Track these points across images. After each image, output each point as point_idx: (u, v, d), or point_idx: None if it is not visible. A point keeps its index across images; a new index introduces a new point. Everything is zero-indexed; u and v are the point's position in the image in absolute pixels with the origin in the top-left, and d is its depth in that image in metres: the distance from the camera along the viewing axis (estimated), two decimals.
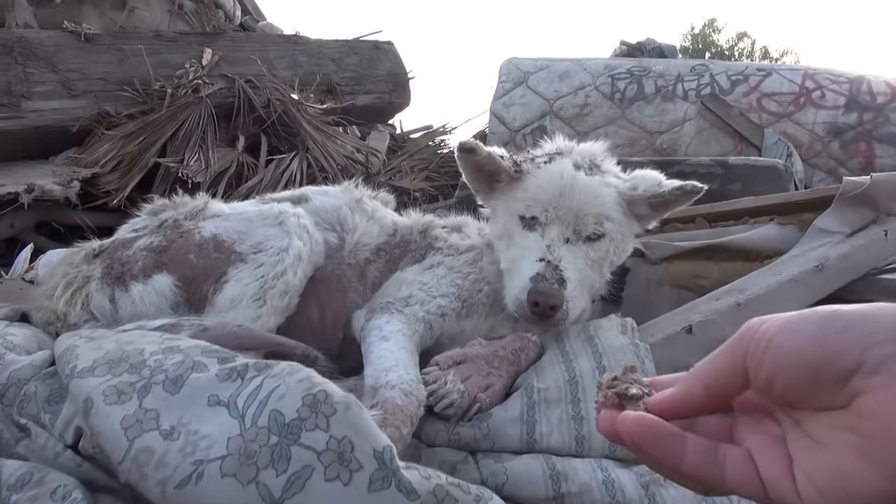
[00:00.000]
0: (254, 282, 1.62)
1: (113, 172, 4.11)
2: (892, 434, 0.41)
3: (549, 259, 1.60)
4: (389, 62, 6.54)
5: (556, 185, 1.68)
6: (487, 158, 1.74)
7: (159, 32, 5.39)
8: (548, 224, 1.66)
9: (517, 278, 1.63)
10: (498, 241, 1.77)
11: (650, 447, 0.52)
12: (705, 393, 0.53)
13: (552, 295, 1.54)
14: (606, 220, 1.68)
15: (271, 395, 0.97)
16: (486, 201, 1.87)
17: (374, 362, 1.46)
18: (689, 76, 6.46)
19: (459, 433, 1.40)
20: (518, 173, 1.75)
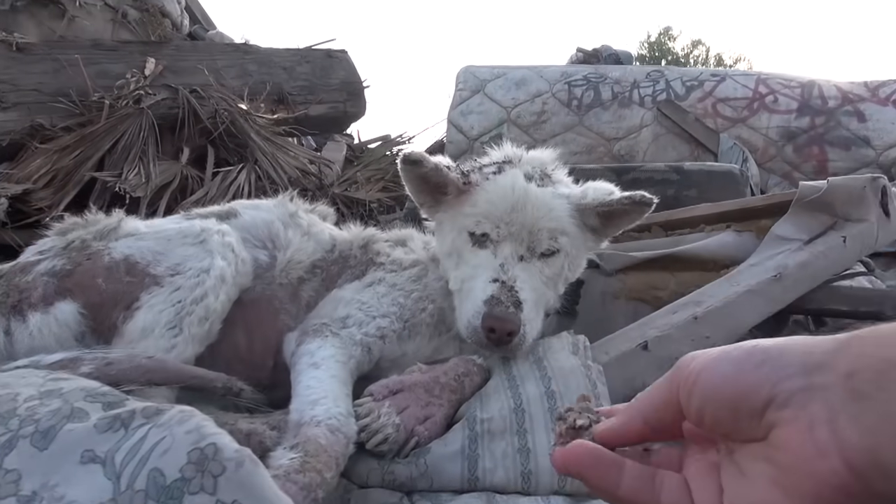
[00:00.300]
0: (169, 307, 1.46)
1: (46, 188, 3.86)
2: (800, 465, 0.43)
3: (504, 279, 1.49)
4: (343, 71, 6.37)
5: (507, 199, 1.57)
6: (434, 170, 1.62)
7: (98, 41, 5.14)
8: (500, 241, 1.55)
9: (469, 301, 1.51)
10: (446, 259, 1.65)
11: (589, 474, 0.54)
12: (644, 424, 0.55)
13: (509, 320, 1.43)
14: (561, 235, 1.59)
15: (154, 449, 0.83)
16: (432, 215, 1.74)
17: (300, 394, 1.32)
18: (645, 82, 6.47)
19: (394, 472, 1.27)
20: (466, 185, 1.63)
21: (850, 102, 5.86)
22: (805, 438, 0.43)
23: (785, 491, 0.44)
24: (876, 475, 0.40)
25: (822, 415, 0.43)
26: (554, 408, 1.37)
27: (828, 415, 0.42)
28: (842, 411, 0.42)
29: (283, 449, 1.16)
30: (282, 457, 1.12)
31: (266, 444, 1.24)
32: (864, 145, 5.64)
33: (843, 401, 0.42)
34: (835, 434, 0.42)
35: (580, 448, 0.55)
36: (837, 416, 0.42)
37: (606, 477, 0.53)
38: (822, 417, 0.42)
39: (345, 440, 1.21)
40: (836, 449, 0.41)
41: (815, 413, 0.43)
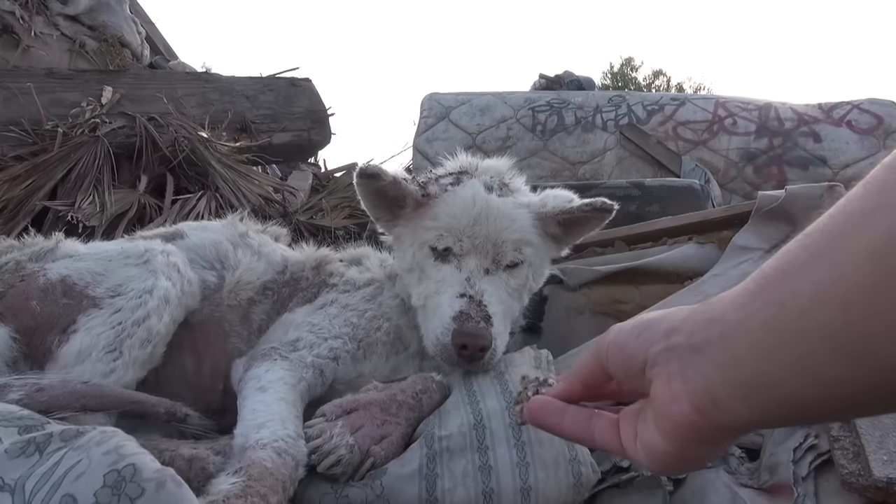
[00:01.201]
0: (108, 330, 1.38)
1: None
2: (664, 409, 0.54)
3: (471, 294, 1.45)
4: (307, 99, 6.33)
5: (468, 212, 1.53)
6: (392, 184, 1.57)
7: (53, 70, 5.03)
8: (463, 255, 1.51)
9: (436, 318, 1.46)
10: (407, 274, 1.60)
11: (540, 418, 0.69)
12: (583, 385, 0.68)
13: (481, 335, 1.39)
14: (525, 246, 1.55)
15: (68, 474, 0.75)
16: (389, 229, 1.69)
17: (245, 417, 1.24)
18: (607, 107, 6.57)
19: (349, 495, 1.20)
20: (425, 198, 1.58)
21: (805, 124, 6.01)
22: (665, 389, 0.54)
23: (659, 431, 0.55)
24: (713, 411, 0.50)
25: (675, 369, 0.53)
26: (515, 423, 1.31)
27: (679, 368, 0.53)
28: (688, 365, 0.52)
29: (226, 474, 1.08)
30: (223, 482, 1.05)
31: (209, 470, 1.17)
32: (821, 165, 5.77)
33: (687, 356, 0.53)
34: (684, 383, 0.52)
35: (535, 401, 0.71)
36: (685, 369, 0.52)
37: (552, 419, 0.68)
38: (676, 371, 0.53)
39: (293, 463, 1.14)
40: (684, 394, 0.52)
41: (672, 368, 0.53)
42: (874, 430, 1.32)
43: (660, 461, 0.58)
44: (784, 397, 0.47)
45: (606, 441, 0.64)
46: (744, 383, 0.48)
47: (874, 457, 1.25)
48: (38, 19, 5.87)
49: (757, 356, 0.47)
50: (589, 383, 0.67)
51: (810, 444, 1.43)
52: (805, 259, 0.45)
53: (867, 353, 0.41)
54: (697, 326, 0.53)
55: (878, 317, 0.39)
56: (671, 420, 0.53)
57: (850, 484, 1.26)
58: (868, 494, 1.24)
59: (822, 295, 0.43)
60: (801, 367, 0.45)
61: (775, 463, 1.45)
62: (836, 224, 0.44)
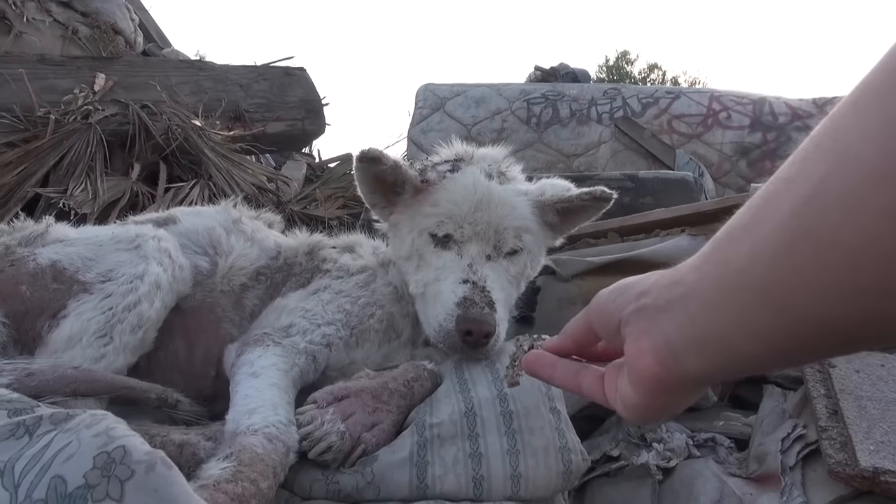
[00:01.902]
0: (98, 315, 1.37)
1: None
2: (633, 364, 0.60)
3: (474, 280, 1.43)
4: (301, 88, 6.29)
5: (469, 198, 1.52)
6: (392, 168, 1.55)
7: (45, 56, 4.99)
8: (464, 241, 1.50)
9: (438, 304, 1.44)
10: (404, 262, 1.59)
11: (535, 368, 0.78)
12: (573, 342, 0.75)
13: (486, 321, 1.37)
14: (525, 233, 1.55)
15: (57, 455, 0.75)
16: (385, 217, 1.67)
17: (237, 403, 1.24)
18: (602, 100, 6.57)
19: (339, 482, 1.20)
20: (424, 184, 1.57)
21: (799, 118, 6.03)
22: (634, 346, 0.60)
23: (630, 384, 0.62)
24: (674, 365, 0.56)
25: (643, 328, 0.59)
26: (507, 411, 1.31)
27: (647, 327, 0.58)
28: (653, 323, 0.58)
29: (217, 459, 1.08)
30: (213, 467, 1.05)
31: (200, 456, 1.17)
32: None
33: (653, 316, 0.58)
34: (650, 340, 0.58)
35: (530, 354, 0.79)
36: (651, 328, 0.58)
37: (546, 370, 0.76)
38: (644, 329, 0.59)
39: (284, 449, 1.14)
40: (650, 350, 0.58)
41: (641, 327, 0.59)
42: (861, 420, 1.33)
43: (632, 411, 0.64)
44: (729, 349, 0.52)
45: (592, 392, 0.70)
46: (697, 338, 0.54)
47: (861, 447, 1.26)
48: (30, 5, 5.82)
49: (706, 313, 0.52)
50: (579, 341, 0.74)
51: (798, 434, 1.45)
52: (746, 222, 0.49)
53: (789, 304, 0.45)
54: (662, 289, 0.58)
55: (797, 271, 0.43)
56: (638, 373, 0.59)
57: (837, 473, 1.27)
58: (854, 483, 1.25)
59: (755, 253, 0.47)
60: (741, 321, 0.49)
61: (763, 453, 1.46)
62: (770, 190, 0.48)
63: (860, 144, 0.40)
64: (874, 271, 0.40)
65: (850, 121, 0.42)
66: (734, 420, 1.75)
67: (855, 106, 0.42)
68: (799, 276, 0.44)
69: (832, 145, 0.42)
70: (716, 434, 1.66)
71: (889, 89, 0.39)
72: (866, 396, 1.40)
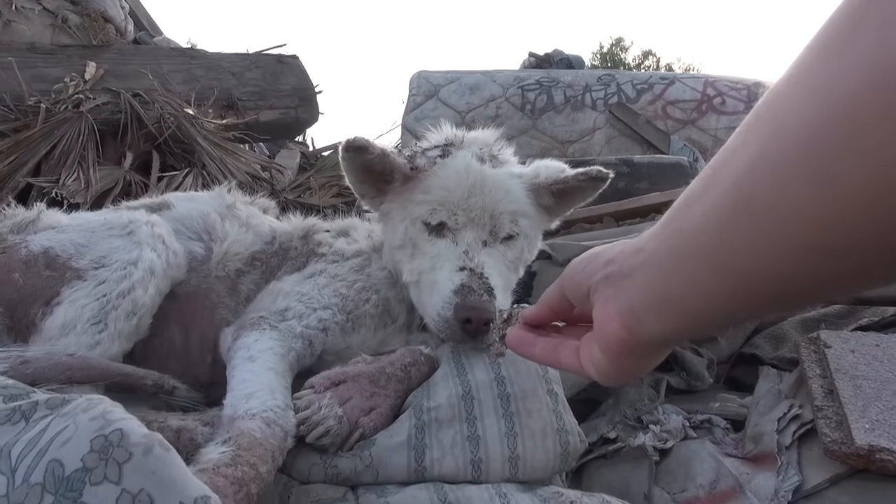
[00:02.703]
0: (92, 302, 1.36)
1: None
2: (601, 329, 0.64)
3: (471, 267, 1.39)
4: (294, 76, 6.26)
5: (462, 184, 1.48)
6: (380, 157, 1.52)
7: (35, 45, 4.94)
8: (459, 228, 1.47)
9: (435, 293, 1.41)
10: (398, 251, 1.55)
11: (517, 347, 0.83)
12: (550, 310, 0.80)
13: (485, 308, 1.32)
14: (521, 218, 1.52)
15: (54, 440, 0.74)
16: (376, 206, 1.64)
17: (234, 388, 1.23)
18: (597, 86, 6.54)
19: (338, 466, 1.20)
20: (414, 171, 1.54)
21: None
22: (602, 311, 0.63)
23: (599, 348, 0.65)
24: (637, 328, 0.59)
25: (610, 294, 0.62)
26: (504, 394, 1.31)
27: (613, 293, 0.62)
28: (619, 289, 0.61)
29: (215, 444, 1.07)
30: (212, 451, 1.04)
31: (198, 441, 1.16)
32: None
33: (619, 282, 0.61)
34: (615, 305, 0.61)
35: (512, 334, 0.85)
36: (617, 294, 0.61)
37: (527, 348, 0.82)
38: (610, 295, 0.62)
39: (282, 433, 1.13)
40: (615, 315, 0.61)
41: (608, 294, 0.62)
42: (857, 399, 1.34)
43: (603, 374, 0.67)
44: (685, 311, 0.55)
45: (569, 363, 0.74)
46: (656, 302, 0.57)
47: (856, 425, 1.27)
48: None
49: (662, 278, 0.56)
50: (555, 308, 0.79)
51: (794, 414, 1.45)
52: (698, 190, 0.52)
53: (732, 267, 0.48)
54: (627, 256, 0.61)
55: (739, 235, 0.47)
56: (606, 338, 0.63)
57: (833, 452, 1.28)
58: (850, 461, 1.26)
59: (704, 219, 0.50)
60: (692, 284, 0.53)
61: (759, 433, 1.47)
62: (719, 160, 0.50)
63: (791, 116, 0.42)
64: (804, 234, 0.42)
65: (785, 93, 0.44)
66: (730, 401, 1.76)
67: (789, 80, 0.44)
68: (740, 241, 0.47)
69: (769, 117, 0.45)
70: (712, 415, 1.67)
71: (816, 64, 0.41)
72: (861, 376, 1.40)
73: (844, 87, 0.39)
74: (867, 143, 0.37)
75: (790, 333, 2.02)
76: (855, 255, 0.42)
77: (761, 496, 1.34)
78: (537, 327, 0.84)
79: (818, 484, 1.31)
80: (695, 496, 1.44)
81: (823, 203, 0.40)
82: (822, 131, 0.40)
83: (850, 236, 0.41)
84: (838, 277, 0.44)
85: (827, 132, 0.39)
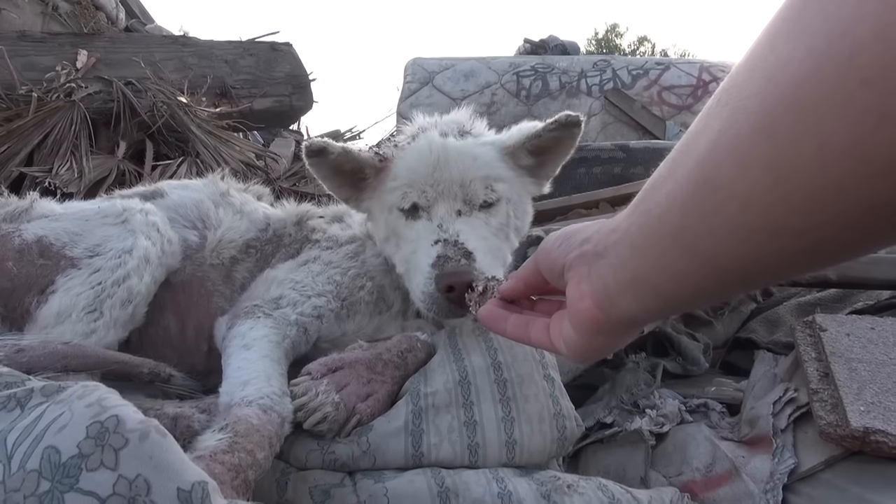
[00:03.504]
0: (87, 290, 1.36)
1: None
2: (574, 307, 0.65)
3: (445, 238, 1.34)
4: (288, 64, 6.21)
5: (426, 160, 1.45)
6: (343, 155, 1.49)
7: (25, 33, 4.89)
8: (431, 205, 1.43)
9: (417, 274, 1.37)
10: (386, 245, 1.53)
11: (489, 323, 0.86)
12: (525, 285, 0.82)
13: (465, 271, 1.24)
14: (497, 182, 1.47)
15: (50, 426, 0.74)
16: (359, 206, 1.61)
17: (230, 375, 1.23)
18: (592, 72, 6.52)
19: (335, 452, 1.20)
20: (382, 162, 1.52)
21: None
22: (575, 289, 0.64)
23: (572, 325, 0.66)
24: (609, 306, 0.61)
25: (584, 272, 0.63)
26: (501, 379, 1.32)
27: (587, 272, 0.63)
28: (592, 268, 0.62)
29: (212, 431, 1.08)
30: (209, 438, 1.04)
31: (194, 428, 1.16)
32: None
33: (593, 261, 0.62)
34: (589, 284, 0.62)
35: (484, 309, 0.87)
36: (591, 272, 0.62)
37: (499, 324, 0.84)
38: (584, 274, 0.63)
39: (279, 419, 1.13)
40: (589, 293, 0.62)
41: (581, 272, 0.64)
42: (852, 382, 1.34)
43: (574, 350, 0.69)
44: (655, 290, 0.56)
45: (539, 339, 0.76)
46: (628, 281, 0.58)
47: (852, 408, 1.28)
48: None
49: (634, 257, 0.57)
50: (530, 283, 0.80)
51: (790, 397, 1.46)
52: (664, 173, 0.53)
53: (698, 247, 0.49)
54: (602, 236, 0.62)
55: (702, 217, 0.48)
56: (579, 315, 0.64)
57: (829, 434, 1.28)
58: (845, 444, 1.27)
59: (669, 201, 0.51)
60: (661, 264, 0.54)
61: (755, 416, 1.48)
62: (684, 142, 0.51)
63: (747, 100, 0.43)
64: (763, 215, 0.43)
65: (742, 78, 0.45)
66: (726, 385, 1.77)
67: (745, 64, 0.45)
68: (703, 222, 0.48)
69: (728, 100, 0.46)
70: (708, 399, 1.67)
71: (766, 50, 0.42)
72: (857, 359, 1.41)
73: (789, 74, 0.39)
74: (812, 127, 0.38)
75: (785, 317, 2.03)
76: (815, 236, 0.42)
77: (757, 479, 1.34)
78: (512, 302, 0.86)
79: (813, 466, 1.32)
80: (691, 479, 1.45)
81: (779, 186, 0.41)
82: (771, 116, 0.41)
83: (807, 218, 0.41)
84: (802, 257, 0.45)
85: (776, 117, 0.40)
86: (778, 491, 1.30)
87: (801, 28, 0.39)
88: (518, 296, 0.85)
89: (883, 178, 0.37)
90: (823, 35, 0.37)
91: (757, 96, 0.42)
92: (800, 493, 1.31)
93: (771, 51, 0.42)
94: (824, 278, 1.90)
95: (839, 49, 0.36)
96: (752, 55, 0.44)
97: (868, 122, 0.35)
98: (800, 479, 1.32)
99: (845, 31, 0.36)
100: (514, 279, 0.84)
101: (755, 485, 1.33)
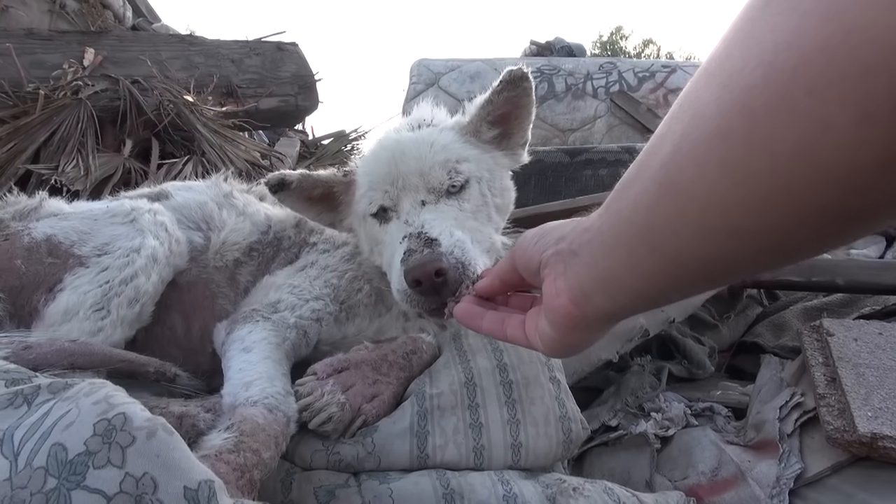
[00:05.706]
0: (95, 289, 1.36)
1: None
2: (549, 303, 0.66)
3: (411, 231, 1.30)
4: (294, 64, 6.22)
5: (381, 159, 1.44)
6: (304, 180, 1.52)
7: (33, 31, 4.90)
8: (397, 203, 1.41)
9: (393, 273, 1.32)
10: (373, 257, 1.51)
11: (465, 319, 0.86)
12: (501, 282, 0.84)
13: (428, 260, 1.17)
14: (461, 163, 1.42)
15: (57, 423, 0.74)
16: (342, 227, 1.61)
17: (232, 377, 1.23)
18: (598, 74, 6.51)
19: (340, 452, 1.20)
20: (347, 175, 1.54)
21: None
22: (551, 286, 0.66)
23: (547, 321, 0.68)
24: (584, 303, 0.62)
25: (560, 270, 0.65)
26: (507, 381, 1.31)
27: (563, 269, 0.64)
28: (568, 266, 0.64)
29: (218, 430, 1.08)
30: (215, 438, 1.04)
31: (200, 427, 1.16)
32: None
33: (568, 259, 0.64)
34: (565, 281, 0.64)
35: (460, 306, 0.89)
36: (566, 270, 0.64)
37: (474, 321, 0.85)
38: (560, 272, 0.65)
39: (284, 419, 1.13)
40: (564, 290, 0.64)
41: (557, 269, 0.65)
42: (859, 387, 1.34)
43: (550, 346, 0.70)
44: (626, 288, 0.57)
45: (515, 336, 0.77)
46: (601, 278, 0.59)
47: (859, 413, 1.27)
48: None
49: (606, 256, 0.58)
50: (506, 280, 0.83)
51: (796, 402, 1.45)
52: (633, 175, 0.54)
53: (663, 246, 0.51)
54: (576, 234, 0.64)
55: (666, 217, 0.49)
56: (554, 311, 0.65)
57: (836, 439, 1.28)
58: (852, 449, 1.26)
59: (636, 203, 0.53)
60: (630, 262, 0.55)
61: (761, 421, 1.47)
62: (651, 144, 0.52)
63: (705, 106, 0.44)
64: (721, 216, 0.45)
65: (701, 83, 0.46)
66: (732, 389, 1.76)
67: (705, 70, 0.46)
68: (668, 223, 0.49)
69: (689, 105, 0.47)
70: (713, 403, 1.67)
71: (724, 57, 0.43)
72: (864, 364, 1.40)
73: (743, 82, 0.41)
74: (762, 133, 0.40)
75: (792, 322, 2.02)
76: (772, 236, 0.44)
77: (763, 484, 1.34)
78: (489, 299, 0.89)
79: (820, 472, 1.31)
80: (696, 483, 1.44)
81: (735, 189, 0.43)
82: (727, 122, 0.42)
83: (763, 219, 0.43)
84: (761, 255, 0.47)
85: (730, 122, 0.42)
86: (784, 496, 1.30)
87: (753, 38, 0.41)
88: (495, 292, 0.87)
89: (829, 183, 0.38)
90: (771, 46, 0.39)
91: (714, 102, 0.43)
92: (806, 498, 1.30)
93: (727, 58, 0.43)
94: (832, 283, 1.89)
95: (785, 60, 0.38)
96: (711, 62, 0.45)
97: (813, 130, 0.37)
98: (806, 485, 1.32)
99: (791, 43, 0.38)
100: (490, 276, 0.86)
101: (761, 489, 1.33)
